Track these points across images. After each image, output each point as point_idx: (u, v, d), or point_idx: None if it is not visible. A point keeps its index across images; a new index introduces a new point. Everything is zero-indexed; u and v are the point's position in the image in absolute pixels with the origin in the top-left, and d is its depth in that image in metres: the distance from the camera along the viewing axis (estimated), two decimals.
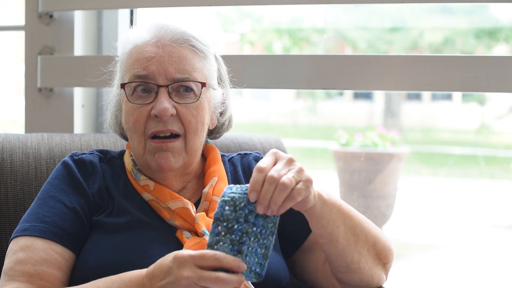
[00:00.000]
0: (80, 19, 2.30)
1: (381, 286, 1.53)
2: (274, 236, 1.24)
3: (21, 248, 1.40)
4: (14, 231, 1.45)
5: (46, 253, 1.40)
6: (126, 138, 1.62)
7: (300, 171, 1.26)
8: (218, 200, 1.41)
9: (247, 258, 1.21)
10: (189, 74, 1.48)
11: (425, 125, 8.14)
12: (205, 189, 1.51)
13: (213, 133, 1.64)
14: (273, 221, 1.24)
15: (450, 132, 8.25)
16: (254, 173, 1.24)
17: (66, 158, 1.54)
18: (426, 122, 8.17)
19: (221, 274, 1.17)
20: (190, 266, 1.19)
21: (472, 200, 5.97)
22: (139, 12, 2.36)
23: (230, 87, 1.64)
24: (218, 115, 1.59)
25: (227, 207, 1.23)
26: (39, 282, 1.37)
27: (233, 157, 1.66)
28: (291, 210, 1.41)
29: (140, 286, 1.26)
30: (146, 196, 1.49)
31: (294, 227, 1.55)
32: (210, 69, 1.54)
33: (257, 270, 1.22)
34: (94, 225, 1.46)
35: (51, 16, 2.26)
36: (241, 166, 1.63)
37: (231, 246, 1.20)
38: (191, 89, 1.48)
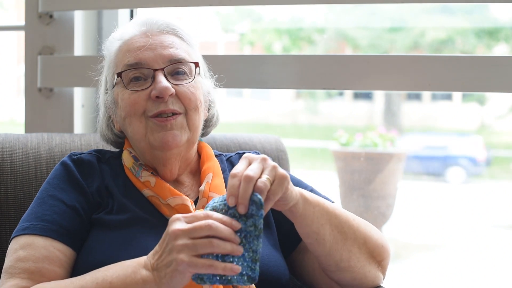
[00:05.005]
0: (80, 19, 2.30)
1: (380, 286, 1.53)
2: (260, 240, 1.23)
3: (21, 246, 1.41)
4: (14, 230, 1.45)
5: (48, 250, 1.40)
6: (118, 146, 1.63)
7: (274, 169, 1.27)
8: (215, 196, 1.42)
9: (235, 263, 1.21)
10: (183, 56, 1.53)
11: (425, 125, 8.14)
12: (202, 187, 1.52)
13: (204, 127, 1.65)
14: (254, 224, 1.23)
15: (450, 132, 8.24)
16: (229, 180, 1.25)
17: (65, 158, 1.55)
18: (426, 122, 8.16)
19: (213, 221, 1.19)
20: (181, 222, 1.21)
21: (472, 200, 5.97)
22: (139, 12, 2.36)
23: (215, 86, 1.65)
24: (208, 105, 1.61)
25: None
26: (40, 279, 1.37)
27: (231, 156, 1.67)
28: None
29: (141, 263, 1.27)
30: (147, 192, 1.49)
31: (292, 225, 1.55)
32: (197, 56, 1.60)
33: (249, 273, 1.21)
34: (95, 223, 1.47)
35: (51, 16, 2.26)
36: None
37: (215, 256, 1.21)
38: (184, 72, 1.52)
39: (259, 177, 1.25)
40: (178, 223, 1.21)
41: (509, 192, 6.07)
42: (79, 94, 2.32)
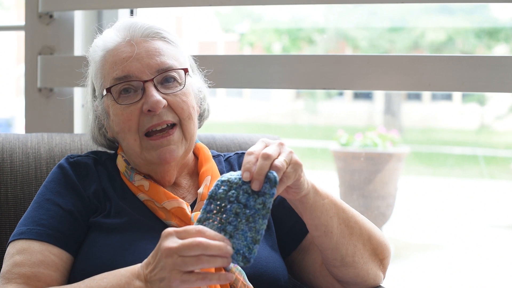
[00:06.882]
0: (80, 19, 2.30)
1: (380, 286, 1.53)
2: (265, 221, 1.24)
3: (18, 251, 1.41)
4: (11, 235, 1.45)
5: (43, 255, 1.40)
6: (113, 148, 1.63)
7: (290, 153, 1.29)
8: None
9: (234, 239, 1.22)
10: (171, 64, 1.50)
11: (425, 125, 8.13)
12: (200, 190, 1.51)
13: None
14: (264, 203, 1.24)
15: (450, 132, 8.24)
16: (245, 156, 1.27)
17: (62, 161, 1.54)
18: (426, 122, 8.16)
19: (203, 239, 1.19)
20: (172, 238, 1.20)
21: (472, 200, 5.97)
22: (139, 12, 2.36)
23: (206, 84, 1.65)
24: (200, 102, 1.60)
25: (222, 187, 1.27)
26: (36, 283, 1.37)
27: (230, 156, 1.67)
28: (290, 207, 1.42)
29: (135, 274, 1.27)
30: (142, 196, 1.49)
31: (293, 224, 1.56)
32: (184, 56, 1.57)
33: (245, 254, 1.22)
34: (92, 226, 1.46)
35: (51, 16, 2.26)
36: (238, 165, 1.63)
37: (219, 225, 1.23)
38: (174, 79, 1.51)
39: (276, 158, 1.26)
40: (170, 240, 1.21)
41: (509, 192, 6.07)
42: (79, 94, 2.31)
